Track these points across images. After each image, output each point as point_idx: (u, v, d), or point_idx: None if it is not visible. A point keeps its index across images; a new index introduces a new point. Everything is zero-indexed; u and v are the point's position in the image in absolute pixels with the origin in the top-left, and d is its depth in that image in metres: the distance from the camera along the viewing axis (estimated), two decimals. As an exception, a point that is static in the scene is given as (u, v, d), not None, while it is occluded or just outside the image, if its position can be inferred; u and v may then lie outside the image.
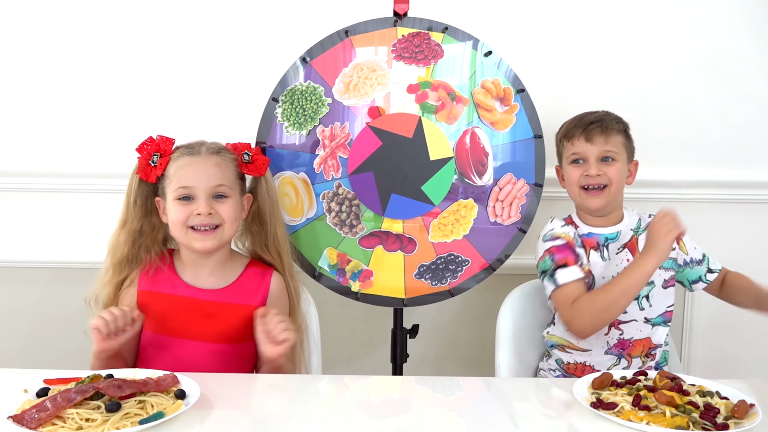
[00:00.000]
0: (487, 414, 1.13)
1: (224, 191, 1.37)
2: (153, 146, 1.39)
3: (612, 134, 1.48)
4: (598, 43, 1.84)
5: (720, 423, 1.01)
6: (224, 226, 1.37)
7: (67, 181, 1.87)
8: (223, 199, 1.37)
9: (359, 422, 1.08)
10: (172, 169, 1.37)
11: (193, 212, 1.34)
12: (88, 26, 1.84)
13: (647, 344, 1.51)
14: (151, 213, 1.42)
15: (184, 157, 1.37)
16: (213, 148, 1.40)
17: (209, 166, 1.37)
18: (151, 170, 1.38)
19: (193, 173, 1.35)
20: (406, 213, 1.57)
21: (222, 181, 1.37)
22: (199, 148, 1.39)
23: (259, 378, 1.34)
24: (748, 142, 1.89)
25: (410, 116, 1.56)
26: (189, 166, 1.36)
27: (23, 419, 0.98)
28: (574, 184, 1.50)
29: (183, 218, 1.34)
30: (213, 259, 1.40)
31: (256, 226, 1.47)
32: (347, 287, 1.60)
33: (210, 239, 1.36)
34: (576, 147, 1.49)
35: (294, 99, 1.56)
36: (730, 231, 1.93)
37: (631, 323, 1.49)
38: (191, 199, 1.35)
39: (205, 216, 1.34)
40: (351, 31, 1.56)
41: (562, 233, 1.50)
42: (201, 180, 1.35)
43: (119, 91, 1.86)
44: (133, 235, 1.39)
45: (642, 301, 1.49)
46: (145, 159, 1.39)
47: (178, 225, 1.35)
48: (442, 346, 2.02)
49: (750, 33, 1.84)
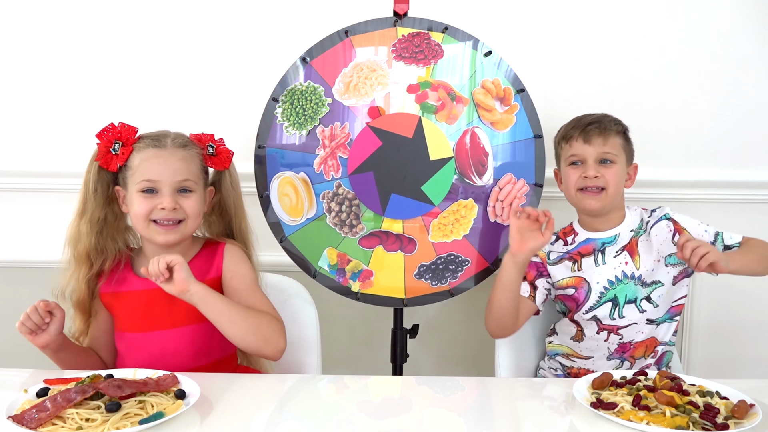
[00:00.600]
0: (487, 414, 1.13)
1: (189, 186, 1.35)
2: (114, 133, 1.35)
3: (610, 136, 1.48)
4: (598, 43, 1.84)
5: (720, 423, 1.01)
6: (187, 221, 1.35)
7: (65, 181, 1.87)
8: (187, 194, 1.35)
9: (359, 422, 1.08)
10: (136, 160, 1.34)
11: (157, 206, 1.32)
12: (87, 26, 1.84)
13: (651, 343, 1.50)
14: (112, 201, 1.38)
15: (150, 149, 1.34)
16: (179, 141, 1.37)
17: (175, 160, 1.34)
18: (112, 158, 1.34)
19: (158, 167, 1.32)
20: (406, 213, 1.57)
21: (187, 176, 1.34)
22: (165, 140, 1.36)
23: (260, 378, 1.34)
24: (748, 142, 1.89)
25: (410, 116, 1.56)
26: (154, 158, 1.33)
27: (23, 419, 0.98)
28: (571, 186, 1.50)
29: (146, 211, 1.32)
30: (174, 250, 1.37)
31: (215, 217, 1.47)
32: (347, 287, 1.60)
33: (172, 233, 1.34)
34: (574, 148, 1.49)
35: (294, 99, 1.56)
36: (732, 231, 1.93)
37: (631, 327, 1.48)
38: (155, 193, 1.32)
39: (170, 210, 1.32)
40: (351, 31, 1.56)
41: (542, 251, 1.55)
42: (166, 174, 1.32)
43: (119, 91, 1.86)
44: (96, 225, 1.35)
45: (641, 304, 1.48)
46: (105, 146, 1.34)
47: (140, 218, 1.33)
48: (442, 346, 2.02)
49: (750, 32, 1.84)
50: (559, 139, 1.55)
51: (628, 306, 1.48)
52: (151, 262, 1.23)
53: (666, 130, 1.87)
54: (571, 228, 1.57)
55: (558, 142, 1.55)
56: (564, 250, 1.54)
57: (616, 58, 1.85)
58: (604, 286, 1.49)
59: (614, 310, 1.49)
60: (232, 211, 1.46)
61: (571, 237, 1.55)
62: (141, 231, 1.36)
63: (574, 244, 1.54)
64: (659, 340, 1.51)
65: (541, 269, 1.54)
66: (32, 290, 1.92)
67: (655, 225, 1.51)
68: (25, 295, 1.93)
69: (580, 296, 1.50)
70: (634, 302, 1.48)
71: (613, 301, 1.48)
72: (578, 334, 1.53)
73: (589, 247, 1.52)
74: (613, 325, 1.49)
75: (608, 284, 1.49)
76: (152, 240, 1.35)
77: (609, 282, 1.49)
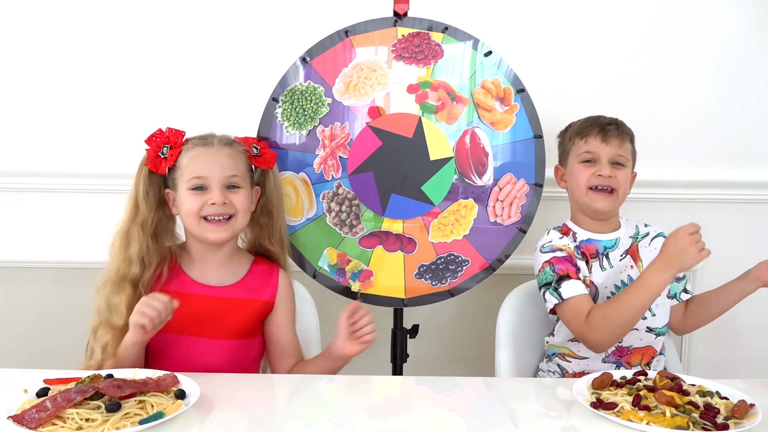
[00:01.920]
0: (487, 414, 1.13)
1: (237, 182, 1.38)
2: (162, 138, 1.40)
3: (626, 139, 1.49)
4: (598, 43, 1.84)
5: (720, 423, 1.01)
6: (237, 217, 1.38)
7: (66, 181, 1.87)
8: (236, 190, 1.38)
9: (359, 422, 1.08)
10: (184, 160, 1.37)
11: (207, 202, 1.34)
12: (89, 26, 1.84)
13: (648, 353, 1.50)
14: (163, 205, 1.42)
15: (197, 148, 1.38)
16: (225, 139, 1.42)
17: (223, 157, 1.38)
18: (160, 162, 1.38)
19: (207, 163, 1.36)
20: (406, 213, 1.57)
21: (235, 172, 1.38)
22: (212, 139, 1.41)
23: (259, 378, 1.35)
24: (748, 142, 1.89)
25: (410, 116, 1.56)
26: (203, 156, 1.37)
27: (23, 419, 0.98)
28: (582, 184, 1.48)
29: (197, 208, 1.35)
30: (221, 252, 1.41)
31: (265, 219, 1.49)
32: (347, 287, 1.60)
33: (223, 230, 1.36)
34: (590, 145, 1.48)
35: (294, 99, 1.56)
36: (732, 231, 1.93)
37: (632, 332, 1.46)
38: (205, 189, 1.35)
39: (220, 205, 1.34)
40: (351, 31, 1.56)
41: (562, 245, 1.48)
42: (215, 170, 1.36)
43: (119, 91, 1.86)
44: (150, 227, 1.37)
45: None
46: (154, 151, 1.39)
47: (191, 215, 1.35)
48: (442, 346, 2.02)
49: (751, 32, 1.84)
50: (572, 135, 1.52)
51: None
52: (362, 320, 1.33)
53: (666, 130, 1.87)
54: (568, 228, 1.54)
55: (569, 137, 1.52)
56: (573, 245, 1.51)
57: (616, 58, 1.85)
58: (612, 291, 1.48)
59: None
60: (275, 212, 1.48)
61: (572, 235, 1.54)
62: (192, 229, 1.37)
63: (578, 241, 1.53)
64: (657, 351, 1.51)
65: (574, 262, 1.47)
66: (32, 290, 1.94)
67: (656, 238, 1.53)
68: (25, 295, 1.94)
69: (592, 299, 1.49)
70: None
71: None
72: None
73: (591, 248, 1.51)
74: None
75: (615, 289, 1.48)
76: (203, 237, 1.37)
77: (616, 287, 1.48)
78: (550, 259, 1.46)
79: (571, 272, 1.43)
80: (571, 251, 1.48)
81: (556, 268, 1.44)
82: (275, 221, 1.48)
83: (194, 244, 1.41)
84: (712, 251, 1.59)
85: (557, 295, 1.41)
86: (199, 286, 1.39)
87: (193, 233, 1.38)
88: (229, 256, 1.43)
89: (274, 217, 1.48)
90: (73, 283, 1.91)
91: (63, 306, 1.90)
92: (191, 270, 1.41)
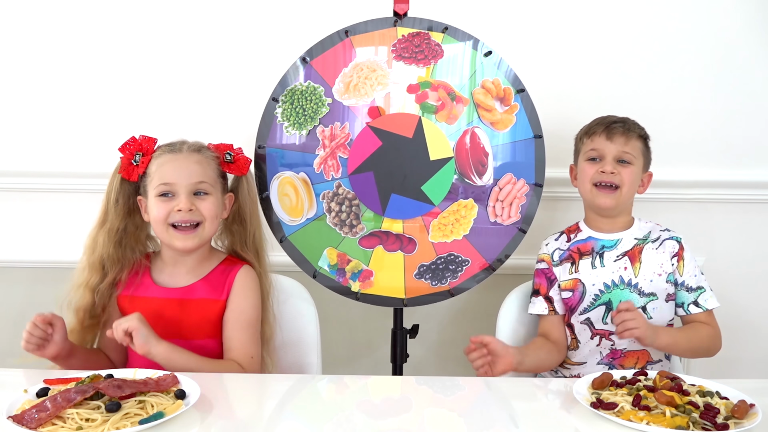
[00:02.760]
0: (487, 414, 1.13)
1: (205, 188, 1.37)
2: (135, 146, 1.39)
3: (632, 137, 1.50)
4: (598, 43, 1.84)
5: (720, 423, 1.01)
6: (204, 224, 1.37)
7: (67, 181, 1.87)
8: (203, 197, 1.37)
9: (359, 422, 1.08)
10: (153, 167, 1.38)
11: (174, 208, 1.34)
12: (86, 26, 1.84)
13: (643, 357, 1.50)
14: (134, 212, 1.42)
15: (166, 155, 1.38)
16: (194, 146, 1.41)
17: (190, 163, 1.37)
18: (133, 169, 1.38)
19: (173, 170, 1.36)
20: (406, 213, 1.57)
21: (203, 178, 1.37)
22: (181, 146, 1.40)
23: (259, 378, 1.34)
24: (748, 142, 1.89)
25: (410, 116, 1.56)
26: (170, 163, 1.37)
27: (23, 419, 0.98)
28: (587, 181, 1.51)
29: (164, 215, 1.35)
30: (192, 257, 1.41)
31: (237, 226, 1.48)
32: (347, 287, 1.60)
33: (190, 238, 1.36)
34: (595, 143, 1.51)
35: (294, 99, 1.56)
36: (734, 231, 1.93)
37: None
38: (172, 196, 1.35)
39: (186, 212, 1.34)
40: (351, 31, 1.56)
41: (545, 254, 1.57)
42: (182, 176, 1.35)
43: (119, 91, 1.86)
44: (115, 235, 1.38)
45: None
46: (127, 159, 1.39)
47: (159, 222, 1.36)
48: (442, 346, 2.02)
49: (753, 33, 1.84)
50: (581, 135, 1.56)
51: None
52: (114, 328, 1.24)
53: (666, 130, 1.86)
54: (577, 226, 1.58)
55: (580, 138, 1.57)
56: (566, 246, 1.55)
57: (616, 59, 1.85)
58: (600, 289, 1.49)
59: (607, 314, 1.49)
60: (248, 219, 1.47)
61: (574, 234, 1.56)
62: (161, 236, 1.39)
63: (576, 239, 1.55)
64: (652, 357, 1.51)
65: (549, 275, 1.55)
66: (31, 290, 1.94)
67: (667, 240, 1.52)
68: (25, 296, 1.94)
69: (575, 299, 1.51)
70: None
71: (607, 305, 1.49)
72: (573, 342, 1.53)
73: (588, 246, 1.52)
74: (605, 330, 1.49)
75: (603, 287, 1.49)
76: (171, 245, 1.37)
77: (605, 285, 1.49)
78: (535, 269, 1.59)
79: (542, 288, 1.55)
80: (548, 259, 1.56)
81: (534, 280, 1.59)
82: (248, 228, 1.47)
83: (165, 249, 1.42)
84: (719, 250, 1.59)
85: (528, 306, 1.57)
86: (159, 288, 1.40)
87: (162, 240, 1.40)
88: (200, 261, 1.42)
89: (246, 224, 1.47)
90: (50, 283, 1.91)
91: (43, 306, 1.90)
92: (161, 274, 1.42)
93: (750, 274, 1.96)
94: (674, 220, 1.72)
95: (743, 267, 1.96)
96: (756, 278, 1.96)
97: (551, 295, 1.54)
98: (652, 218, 1.60)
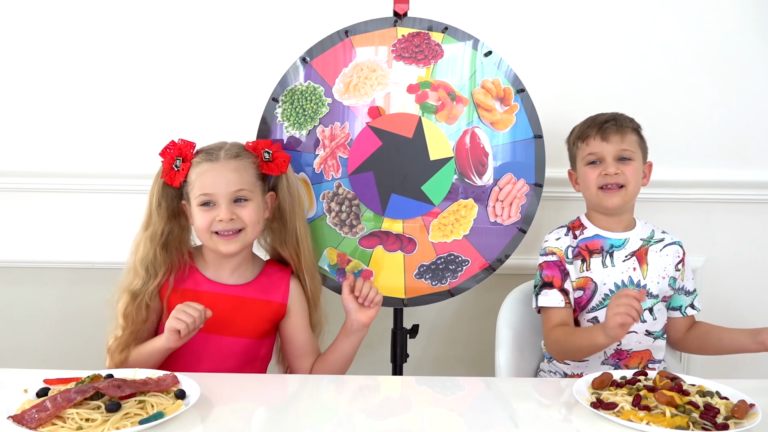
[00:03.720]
0: (487, 414, 1.13)
1: (245, 195, 1.39)
2: (176, 150, 1.41)
3: (627, 133, 1.49)
4: (598, 43, 1.84)
5: (720, 423, 1.01)
6: (246, 230, 1.39)
7: (67, 180, 1.87)
8: (244, 203, 1.39)
9: (359, 422, 1.08)
10: (193, 175, 1.39)
11: (216, 218, 1.36)
12: (92, 27, 1.84)
13: (646, 356, 1.51)
14: (178, 215, 1.44)
15: (204, 164, 1.39)
16: (231, 152, 1.41)
17: (228, 171, 1.38)
18: (175, 174, 1.40)
19: (212, 180, 1.37)
20: (406, 213, 1.57)
21: (242, 186, 1.38)
22: (218, 153, 1.40)
23: (260, 378, 1.35)
24: (748, 142, 1.89)
25: (410, 116, 1.56)
26: (208, 172, 1.38)
27: (23, 419, 0.98)
28: (591, 185, 1.50)
29: (206, 224, 1.37)
30: (235, 259, 1.43)
31: (276, 224, 1.49)
32: (347, 287, 1.60)
33: (234, 243, 1.38)
34: (592, 147, 1.49)
35: (294, 99, 1.56)
36: (735, 231, 1.93)
37: (631, 335, 1.47)
38: (213, 205, 1.37)
39: (227, 222, 1.36)
40: (351, 31, 1.56)
41: (555, 248, 1.53)
42: (221, 186, 1.37)
43: (119, 91, 1.86)
44: (157, 238, 1.39)
45: (645, 314, 1.48)
46: (168, 163, 1.40)
47: (202, 231, 1.38)
48: (442, 346, 2.02)
49: (754, 33, 1.84)
50: (574, 139, 1.55)
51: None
52: (364, 288, 1.44)
53: (666, 130, 1.87)
54: (580, 223, 1.57)
55: (573, 142, 1.55)
56: (574, 243, 1.53)
57: (616, 58, 1.85)
58: (610, 289, 1.49)
59: None
60: (287, 216, 1.47)
61: (579, 230, 1.55)
62: (205, 243, 1.41)
63: (583, 236, 1.54)
64: (654, 357, 1.51)
65: (563, 268, 1.51)
66: (31, 290, 1.94)
67: (670, 245, 1.54)
68: (24, 296, 1.94)
69: (585, 297, 1.50)
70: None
71: None
72: None
73: (596, 244, 1.52)
74: None
75: (614, 287, 1.49)
76: (216, 250, 1.39)
77: (615, 285, 1.49)
78: (542, 262, 1.53)
79: (555, 280, 1.50)
80: (561, 254, 1.51)
81: (543, 273, 1.52)
82: (287, 226, 1.48)
83: (208, 251, 1.44)
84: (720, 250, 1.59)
85: (536, 301, 1.51)
86: (212, 284, 1.42)
87: (207, 246, 1.42)
88: (243, 262, 1.45)
89: (286, 222, 1.48)
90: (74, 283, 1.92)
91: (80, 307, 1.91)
92: (206, 270, 1.44)
93: (750, 274, 1.96)
94: (674, 220, 1.72)
95: (743, 267, 1.96)
96: (756, 278, 1.96)
97: (566, 287, 1.50)
98: (653, 218, 1.60)
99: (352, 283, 1.46)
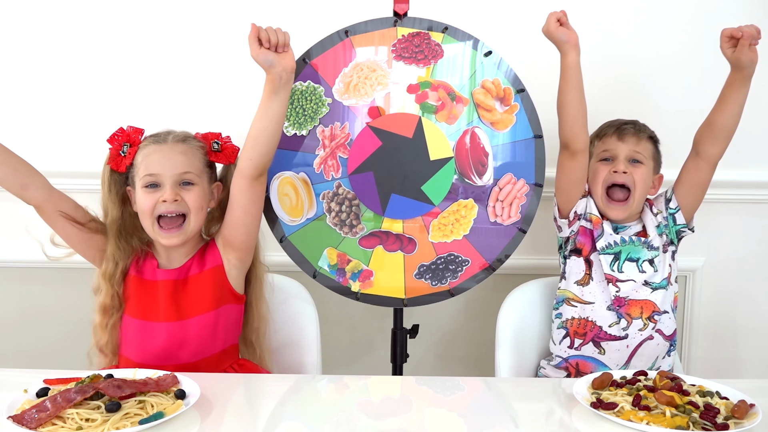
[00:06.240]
0: (487, 414, 1.13)
1: (191, 179, 1.37)
2: (123, 137, 1.40)
3: (643, 138, 1.55)
4: (598, 43, 1.84)
5: (720, 423, 1.01)
6: (190, 217, 1.37)
7: (68, 180, 1.87)
8: (189, 187, 1.37)
9: (359, 422, 1.08)
10: (139, 158, 1.38)
11: (159, 199, 1.34)
12: (85, 25, 1.84)
13: (648, 306, 1.52)
14: (127, 202, 1.42)
15: (151, 146, 1.38)
16: (179, 136, 1.41)
17: (175, 154, 1.37)
18: (121, 160, 1.39)
19: (159, 160, 1.36)
20: (406, 213, 1.57)
21: (188, 168, 1.37)
22: (166, 136, 1.40)
23: (259, 378, 1.35)
24: (748, 142, 1.87)
25: (410, 116, 1.56)
26: (155, 153, 1.37)
27: (23, 419, 0.98)
28: (599, 183, 1.54)
29: (150, 206, 1.35)
30: (179, 251, 1.42)
31: (217, 212, 1.47)
32: (347, 287, 1.60)
33: (175, 236, 1.36)
34: (607, 144, 1.55)
35: (294, 99, 1.56)
36: (739, 231, 1.93)
37: (628, 282, 1.52)
38: (158, 187, 1.35)
39: (171, 203, 1.34)
40: (351, 31, 1.56)
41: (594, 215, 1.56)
42: (167, 167, 1.35)
43: (119, 90, 1.86)
44: (115, 224, 1.39)
45: (643, 265, 1.52)
46: (116, 149, 1.39)
47: (145, 214, 1.36)
48: (442, 346, 2.02)
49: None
50: (592, 138, 1.58)
51: (629, 263, 1.52)
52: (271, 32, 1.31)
53: (666, 130, 1.85)
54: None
55: (591, 141, 1.58)
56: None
57: (616, 59, 1.85)
58: (615, 240, 1.53)
59: (614, 263, 1.53)
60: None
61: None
62: (147, 230, 1.39)
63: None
64: (659, 307, 1.53)
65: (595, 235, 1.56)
66: (31, 290, 1.94)
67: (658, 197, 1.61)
68: (24, 296, 1.95)
69: (594, 233, 1.55)
70: (636, 262, 1.52)
71: (616, 255, 1.53)
72: (585, 277, 1.55)
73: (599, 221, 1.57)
74: (612, 275, 1.52)
75: (620, 241, 1.53)
76: (157, 242, 1.39)
77: (622, 240, 1.54)
78: (580, 227, 1.56)
79: (585, 249, 1.55)
80: (597, 220, 1.55)
81: (578, 239, 1.56)
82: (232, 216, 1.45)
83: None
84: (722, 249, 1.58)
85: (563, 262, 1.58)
86: (164, 272, 1.40)
87: (149, 234, 1.39)
88: (193, 247, 1.43)
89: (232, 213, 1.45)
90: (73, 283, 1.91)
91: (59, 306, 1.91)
92: (160, 258, 1.43)
93: (750, 274, 1.96)
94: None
95: (743, 267, 1.96)
96: (756, 278, 1.96)
97: (592, 259, 1.55)
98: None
99: (256, 35, 1.31)
